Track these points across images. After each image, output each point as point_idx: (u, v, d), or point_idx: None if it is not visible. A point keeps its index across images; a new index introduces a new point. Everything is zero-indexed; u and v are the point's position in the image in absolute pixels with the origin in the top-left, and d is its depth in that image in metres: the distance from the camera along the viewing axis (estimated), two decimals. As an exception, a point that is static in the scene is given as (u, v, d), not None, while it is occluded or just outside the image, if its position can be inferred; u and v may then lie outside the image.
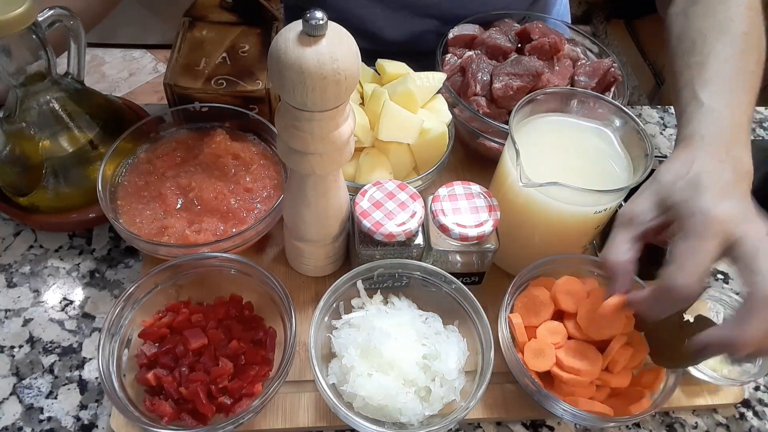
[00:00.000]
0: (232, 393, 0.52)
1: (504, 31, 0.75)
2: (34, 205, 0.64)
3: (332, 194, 0.54)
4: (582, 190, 0.52)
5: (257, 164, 0.65)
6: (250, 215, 0.61)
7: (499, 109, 0.68)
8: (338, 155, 0.49)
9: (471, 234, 0.55)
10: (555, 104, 0.61)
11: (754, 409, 0.60)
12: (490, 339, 0.53)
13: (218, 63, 0.66)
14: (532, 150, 0.56)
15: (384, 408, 0.51)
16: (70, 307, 0.62)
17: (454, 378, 0.53)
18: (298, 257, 0.61)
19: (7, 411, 0.55)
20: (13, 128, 0.60)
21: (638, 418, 0.52)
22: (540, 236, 0.60)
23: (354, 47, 0.42)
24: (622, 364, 0.53)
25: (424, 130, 0.65)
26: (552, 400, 0.52)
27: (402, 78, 0.67)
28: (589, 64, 0.72)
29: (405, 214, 0.56)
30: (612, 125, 0.61)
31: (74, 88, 0.63)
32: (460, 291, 0.57)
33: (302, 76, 0.40)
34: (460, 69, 0.72)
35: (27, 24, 0.53)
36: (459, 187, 0.59)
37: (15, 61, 0.55)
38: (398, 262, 0.57)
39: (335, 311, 0.58)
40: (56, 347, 0.59)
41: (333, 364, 0.54)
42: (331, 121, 0.46)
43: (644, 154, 0.56)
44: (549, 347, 0.54)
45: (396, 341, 0.53)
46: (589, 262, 0.61)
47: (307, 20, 0.40)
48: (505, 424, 0.57)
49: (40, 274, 0.64)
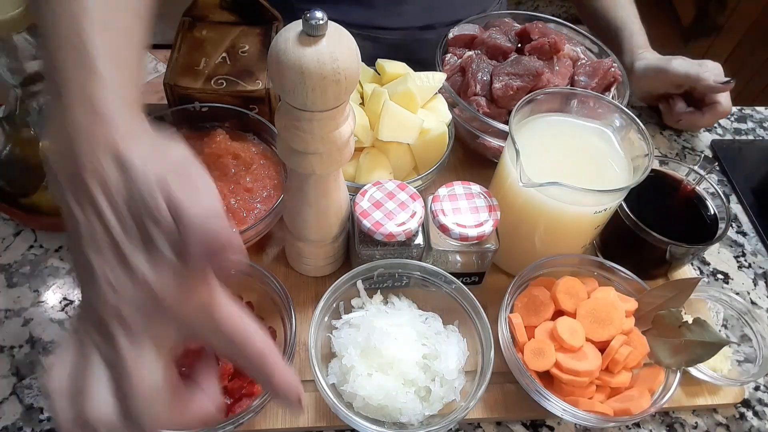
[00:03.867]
0: (232, 393, 0.52)
1: (504, 31, 0.75)
2: (35, 205, 0.64)
3: (332, 194, 0.54)
4: (582, 190, 0.52)
5: (257, 164, 0.65)
6: (250, 215, 0.61)
7: (499, 109, 0.68)
8: (338, 155, 0.49)
9: (471, 234, 0.55)
10: (555, 104, 0.62)
11: (754, 409, 0.60)
12: (490, 339, 0.53)
13: (218, 63, 0.66)
14: (532, 150, 0.56)
15: (384, 408, 0.51)
16: (70, 307, 0.62)
17: (454, 378, 0.53)
18: (298, 257, 0.61)
19: (7, 411, 0.55)
20: (13, 128, 0.60)
21: (638, 418, 0.52)
22: (540, 236, 0.60)
23: (354, 47, 0.42)
24: (622, 364, 0.53)
25: (424, 130, 0.65)
26: (552, 400, 0.52)
27: (402, 78, 0.67)
28: (589, 64, 0.72)
29: (405, 214, 0.56)
30: (612, 125, 0.61)
31: (74, 88, 0.63)
32: (460, 291, 0.57)
33: (302, 76, 0.40)
34: (460, 69, 0.72)
35: (27, 24, 0.53)
36: (459, 187, 0.59)
37: (15, 61, 0.55)
38: (398, 262, 0.57)
39: (335, 311, 0.58)
40: (56, 347, 0.59)
41: (333, 364, 0.54)
42: (331, 121, 0.46)
43: (644, 154, 0.56)
44: (549, 347, 0.54)
45: (396, 341, 0.53)
46: (589, 262, 0.61)
47: (307, 20, 0.40)
48: (505, 424, 0.57)
49: (40, 274, 0.64)
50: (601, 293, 0.57)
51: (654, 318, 0.56)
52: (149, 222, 0.32)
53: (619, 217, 0.60)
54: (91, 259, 0.32)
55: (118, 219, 0.32)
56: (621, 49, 0.83)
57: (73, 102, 0.34)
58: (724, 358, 0.59)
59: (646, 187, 0.55)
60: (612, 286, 0.59)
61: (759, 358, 0.59)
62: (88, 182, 0.32)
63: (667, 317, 0.55)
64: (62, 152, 0.33)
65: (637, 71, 0.80)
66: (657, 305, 0.57)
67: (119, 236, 0.32)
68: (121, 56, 0.37)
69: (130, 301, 0.32)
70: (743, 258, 0.73)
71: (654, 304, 0.57)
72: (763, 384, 0.62)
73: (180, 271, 0.32)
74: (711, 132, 0.87)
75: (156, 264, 0.32)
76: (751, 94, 1.74)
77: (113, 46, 0.37)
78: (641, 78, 0.80)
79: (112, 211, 0.32)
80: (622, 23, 0.85)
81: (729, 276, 0.71)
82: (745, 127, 0.89)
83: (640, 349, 0.54)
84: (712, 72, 0.77)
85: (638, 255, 0.62)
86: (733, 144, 0.86)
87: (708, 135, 0.87)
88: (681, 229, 0.60)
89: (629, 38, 0.84)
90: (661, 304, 0.57)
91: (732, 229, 0.76)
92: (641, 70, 0.80)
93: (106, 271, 0.32)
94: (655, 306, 0.57)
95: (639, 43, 0.83)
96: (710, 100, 0.80)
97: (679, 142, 0.85)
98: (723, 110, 0.79)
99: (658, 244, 0.58)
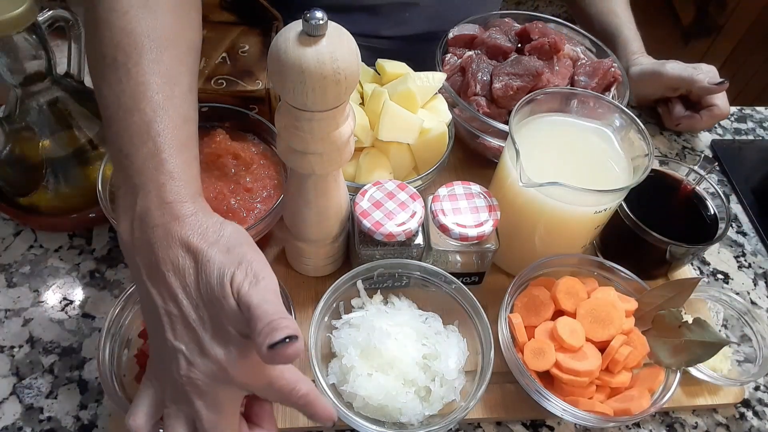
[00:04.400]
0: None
1: (504, 31, 0.75)
2: (34, 205, 0.64)
3: (332, 194, 0.54)
4: (582, 190, 0.52)
5: (257, 164, 0.65)
6: (250, 215, 0.61)
7: (499, 109, 0.68)
8: (338, 155, 0.49)
9: (471, 234, 0.55)
10: (555, 104, 0.62)
11: (754, 409, 0.60)
12: (490, 339, 0.53)
13: (218, 63, 0.66)
14: (532, 150, 0.56)
15: (384, 408, 0.51)
16: (70, 307, 0.62)
17: (454, 378, 0.53)
18: (298, 257, 0.61)
19: (7, 411, 0.55)
20: (13, 128, 0.60)
21: (638, 418, 0.52)
22: (540, 236, 0.60)
23: (354, 47, 0.42)
24: (622, 364, 0.53)
25: (424, 130, 0.65)
26: (552, 400, 0.52)
27: (402, 78, 0.67)
28: (589, 64, 0.72)
29: (405, 214, 0.56)
30: (612, 125, 0.61)
31: (74, 88, 0.63)
32: (460, 291, 0.57)
33: (302, 76, 0.40)
34: (460, 69, 0.72)
35: (27, 24, 0.53)
36: (459, 187, 0.59)
37: (15, 61, 0.55)
38: (398, 262, 0.57)
39: (335, 311, 0.58)
40: (56, 347, 0.59)
41: (333, 364, 0.54)
42: (331, 121, 0.46)
43: (644, 154, 0.56)
44: (549, 347, 0.54)
45: (396, 341, 0.53)
46: (589, 262, 0.61)
47: (307, 20, 0.39)
48: (505, 424, 0.57)
49: (40, 274, 0.64)
50: (601, 293, 0.57)
51: (654, 318, 0.56)
52: (218, 307, 0.38)
53: (619, 217, 0.60)
54: (169, 338, 0.38)
55: (191, 304, 0.38)
56: (616, 55, 0.83)
57: (150, 206, 0.40)
58: (724, 358, 0.59)
59: (646, 187, 0.55)
60: (612, 286, 0.59)
61: (759, 358, 0.59)
62: (165, 272, 0.39)
63: (667, 317, 0.55)
64: (140, 242, 0.40)
65: (632, 76, 0.80)
66: (657, 305, 0.57)
67: (194, 321, 0.38)
68: (183, 143, 0.44)
69: (204, 374, 0.38)
70: (743, 258, 0.73)
71: (654, 304, 0.57)
72: (763, 384, 0.62)
73: (244, 347, 0.38)
74: (711, 132, 0.88)
75: (225, 343, 0.38)
76: (751, 94, 1.74)
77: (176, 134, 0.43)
78: (637, 83, 0.81)
79: (186, 297, 0.38)
80: (617, 29, 0.86)
81: (729, 276, 0.71)
82: (745, 127, 0.89)
83: (640, 349, 0.54)
84: (707, 74, 0.78)
85: (638, 255, 0.62)
86: (733, 144, 0.86)
87: (708, 135, 0.87)
88: (681, 229, 0.60)
89: (624, 44, 0.84)
90: (661, 304, 0.57)
91: (732, 229, 0.76)
92: (636, 74, 0.80)
93: (183, 349, 0.38)
94: (655, 306, 0.57)
95: (634, 49, 0.83)
96: (707, 103, 0.80)
97: (679, 142, 0.85)
98: (720, 112, 0.79)
99: (658, 244, 0.58)
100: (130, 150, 0.42)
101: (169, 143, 0.42)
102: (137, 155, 0.42)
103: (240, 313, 0.37)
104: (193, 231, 0.40)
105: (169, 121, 0.43)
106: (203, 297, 0.38)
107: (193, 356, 0.38)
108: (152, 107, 0.43)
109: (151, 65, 0.44)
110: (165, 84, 0.44)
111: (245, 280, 0.38)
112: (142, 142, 0.42)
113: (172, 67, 0.45)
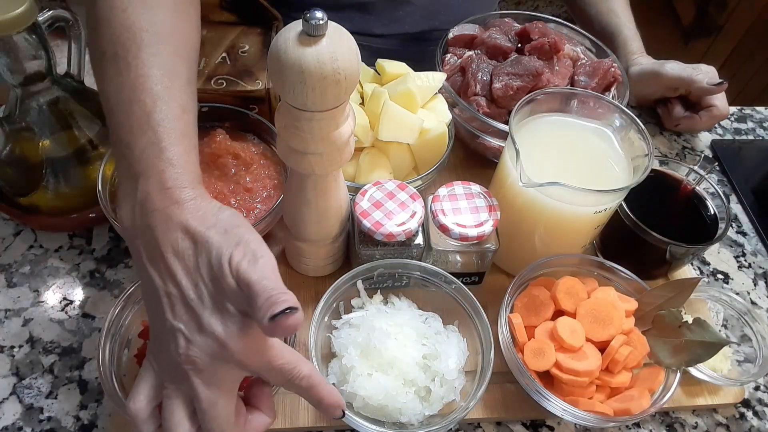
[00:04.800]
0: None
1: (504, 31, 0.75)
2: (34, 205, 0.64)
3: (332, 194, 0.54)
4: (582, 190, 0.52)
5: (257, 164, 0.65)
6: (250, 215, 0.61)
7: (499, 109, 0.68)
8: (338, 155, 0.49)
9: (471, 234, 0.55)
10: (555, 104, 0.61)
11: (754, 409, 0.60)
12: (490, 339, 0.53)
13: (218, 63, 0.66)
14: (532, 150, 0.56)
15: (384, 408, 0.51)
16: (70, 307, 0.62)
17: (454, 378, 0.53)
18: (298, 257, 0.61)
19: (7, 411, 0.55)
20: (13, 128, 0.60)
21: (638, 418, 0.52)
22: (540, 236, 0.60)
23: (354, 47, 0.42)
24: (622, 364, 0.53)
25: (424, 130, 0.65)
26: (552, 400, 0.52)
27: (402, 78, 0.67)
28: (589, 64, 0.72)
29: (405, 214, 0.56)
30: (612, 125, 0.61)
31: (74, 88, 0.63)
32: (460, 291, 0.57)
33: (302, 76, 0.40)
34: (460, 69, 0.72)
35: (27, 24, 0.53)
36: (459, 187, 0.59)
37: (15, 61, 0.55)
38: (398, 262, 0.57)
39: (335, 311, 0.58)
40: (56, 347, 0.59)
41: (333, 364, 0.54)
42: (331, 121, 0.46)
43: (644, 154, 0.56)
44: (549, 347, 0.54)
45: (396, 341, 0.53)
46: (589, 262, 0.61)
47: (307, 20, 0.39)
48: (505, 424, 0.57)
49: (40, 274, 0.64)
50: (601, 293, 0.57)
51: (654, 318, 0.56)
52: (217, 285, 0.38)
53: (619, 217, 0.60)
54: (168, 317, 0.39)
55: (190, 284, 0.39)
56: (616, 55, 0.83)
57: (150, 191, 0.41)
58: (724, 358, 0.59)
59: (646, 187, 0.55)
60: (612, 286, 0.59)
61: (759, 358, 0.59)
62: (165, 254, 0.39)
63: (667, 317, 0.55)
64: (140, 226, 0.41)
65: (632, 76, 0.81)
66: (657, 305, 0.57)
67: (192, 300, 0.38)
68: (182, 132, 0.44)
69: (203, 351, 0.38)
70: (743, 258, 0.73)
71: (654, 304, 0.57)
72: (763, 384, 0.62)
73: (243, 324, 0.38)
74: (711, 132, 0.88)
75: (224, 320, 0.38)
76: (751, 94, 1.74)
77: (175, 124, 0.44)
78: (636, 83, 0.81)
79: (185, 277, 0.39)
80: (617, 29, 0.86)
81: (729, 276, 0.71)
82: (745, 127, 0.89)
83: (640, 349, 0.54)
84: (706, 74, 0.78)
85: (638, 255, 0.62)
86: (733, 144, 0.86)
87: (708, 135, 0.87)
88: (681, 229, 0.60)
89: (623, 44, 0.84)
90: (661, 304, 0.57)
91: (732, 229, 0.76)
92: (636, 75, 0.81)
93: (182, 327, 0.38)
94: (655, 306, 0.57)
95: (633, 49, 0.84)
96: (706, 104, 0.80)
97: (679, 142, 0.85)
98: (719, 113, 0.80)
99: (658, 244, 0.58)
100: (130, 139, 0.43)
101: (168, 132, 0.43)
102: (137, 144, 0.42)
103: (239, 291, 0.38)
104: (192, 215, 0.40)
105: (168, 111, 0.44)
106: (203, 277, 0.39)
107: (191, 334, 0.38)
108: (152, 98, 0.44)
109: (150, 58, 0.45)
110: (164, 76, 0.45)
111: (244, 259, 0.38)
112: (142, 131, 0.43)
113: (171, 60, 0.46)
